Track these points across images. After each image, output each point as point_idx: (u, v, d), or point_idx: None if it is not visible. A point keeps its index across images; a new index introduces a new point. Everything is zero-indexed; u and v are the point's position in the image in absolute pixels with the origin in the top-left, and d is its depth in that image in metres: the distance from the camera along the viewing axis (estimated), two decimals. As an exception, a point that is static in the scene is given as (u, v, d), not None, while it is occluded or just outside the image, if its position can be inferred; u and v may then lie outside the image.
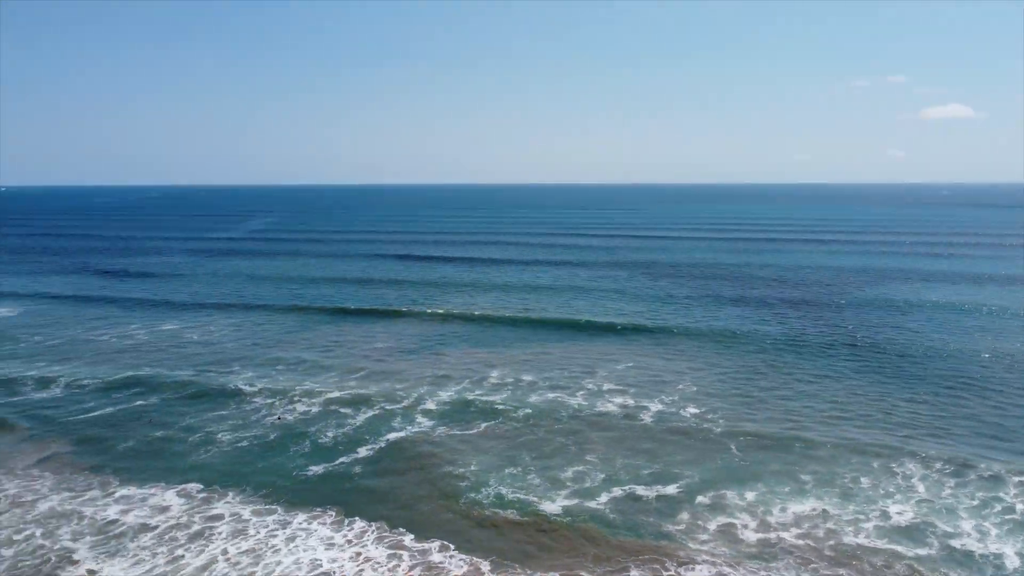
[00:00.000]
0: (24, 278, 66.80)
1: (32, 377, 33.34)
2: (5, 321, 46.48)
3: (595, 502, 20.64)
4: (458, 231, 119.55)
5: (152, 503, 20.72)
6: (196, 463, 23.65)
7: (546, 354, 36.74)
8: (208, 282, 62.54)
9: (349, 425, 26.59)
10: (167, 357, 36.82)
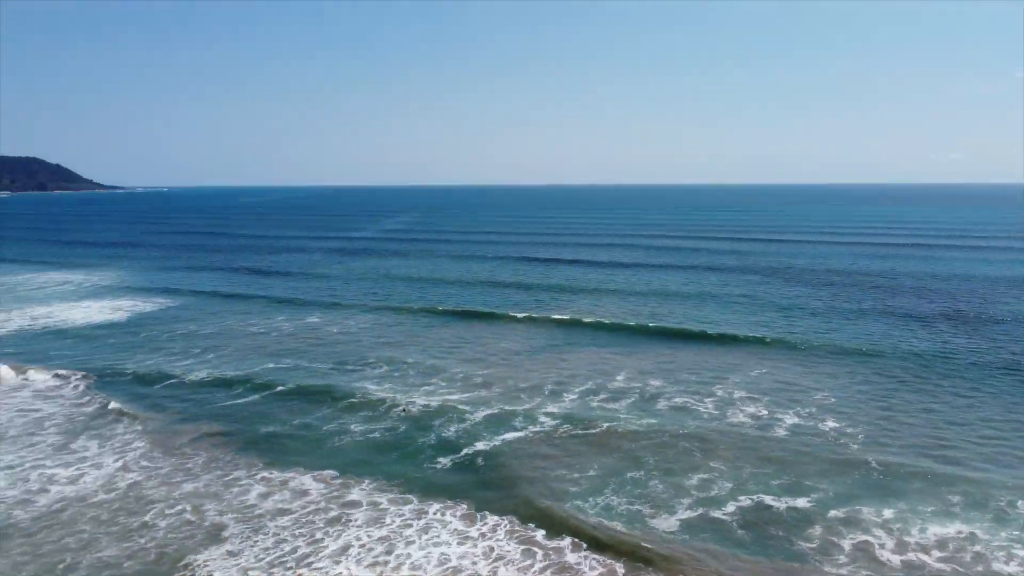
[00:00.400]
0: (182, 273, 72.28)
1: (186, 364, 35.98)
2: (165, 312, 50.34)
3: (720, 511, 20.05)
4: (586, 232, 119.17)
5: (292, 487, 21.83)
6: (332, 450, 24.75)
7: (674, 360, 36.04)
8: (346, 278, 65.39)
9: (469, 421, 27.00)
10: (308, 348, 38.76)
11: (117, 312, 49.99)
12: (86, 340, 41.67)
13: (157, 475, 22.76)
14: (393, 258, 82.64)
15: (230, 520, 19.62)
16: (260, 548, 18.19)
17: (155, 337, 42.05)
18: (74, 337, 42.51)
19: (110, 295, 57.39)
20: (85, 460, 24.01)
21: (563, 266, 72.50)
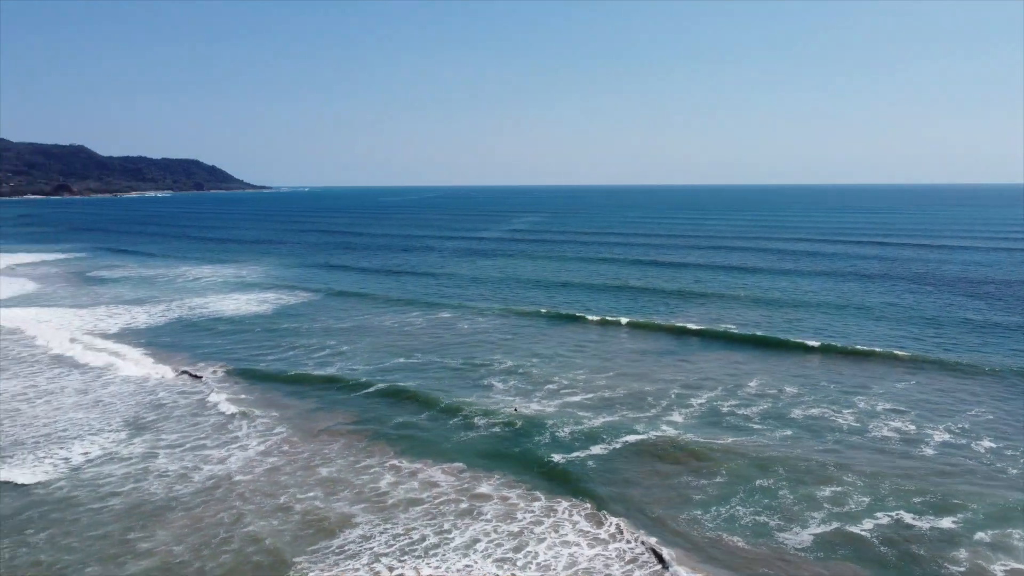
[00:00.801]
0: (321, 269, 76.08)
1: (323, 355, 37.78)
2: (305, 305, 53.06)
3: (857, 527, 19.03)
4: (716, 235, 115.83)
5: (421, 478, 22.46)
6: (458, 444, 25.27)
7: (811, 369, 34.52)
8: (474, 278, 66.66)
9: (589, 424, 26.80)
10: (437, 345, 39.80)
11: (263, 304, 53.14)
12: (235, 329, 44.54)
13: (296, 460, 24.00)
14: (519, 259, 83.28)
15: (361, 508, 20.37)
16: (390, 536, 18.81)
17: (296, 329, 44.39)
18: (225, 326, 45.55)
19: (256, 289, 61.07)
20: (234, 442, 25.65)
21: (691, 269, 70.85)
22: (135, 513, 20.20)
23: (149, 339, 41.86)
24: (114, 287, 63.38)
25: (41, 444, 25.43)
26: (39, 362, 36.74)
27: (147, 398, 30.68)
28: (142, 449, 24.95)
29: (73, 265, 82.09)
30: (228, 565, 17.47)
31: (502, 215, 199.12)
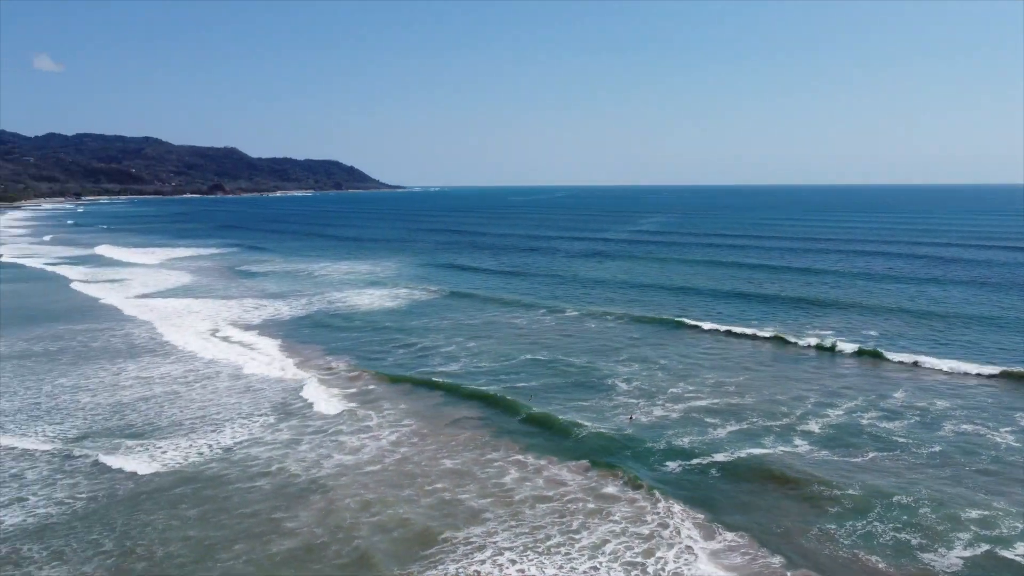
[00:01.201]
0: (451, 267, 78.03)
1: (451, 350, 38.75)
2: (436, 302, 54.58)
3: (1011, 551, 17.64)
4: (856, 238, 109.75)
5: (546, 475, 22.62)
6: (581, 442, 25.30)
7: (967, 383, 32.25)
8: (600, 280, 66.44)
9: (714, 431, 26.12)
10: (562, 344, 39.96)
11: (395, 300, 55.11)
12: (369, 323, 46.43)
13: (424, 451, 24.78)
14: (646, 261, 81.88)
15: (487, 504, 20.70)
16: (516, 531, 19.06)
17: (425, 325, 45.75)
18: (360, 320, 47.57)
19: (389, 285, 63.38)
20: (366, 432, 26.78)
21: (830, 275, 67.43)
22: (279, 494, 21.48)
23: (290, 330, 44.29)
24: (260, 281, 67.47)
25: (197, 426, 27.47)
26: (195, 349, 39.61)
27: (288, 386, 32.50)
28: (287, 435, 26.45)
29: (224, 259, 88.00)
30: (361, 549, 18.26)
31: (629, 215, 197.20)
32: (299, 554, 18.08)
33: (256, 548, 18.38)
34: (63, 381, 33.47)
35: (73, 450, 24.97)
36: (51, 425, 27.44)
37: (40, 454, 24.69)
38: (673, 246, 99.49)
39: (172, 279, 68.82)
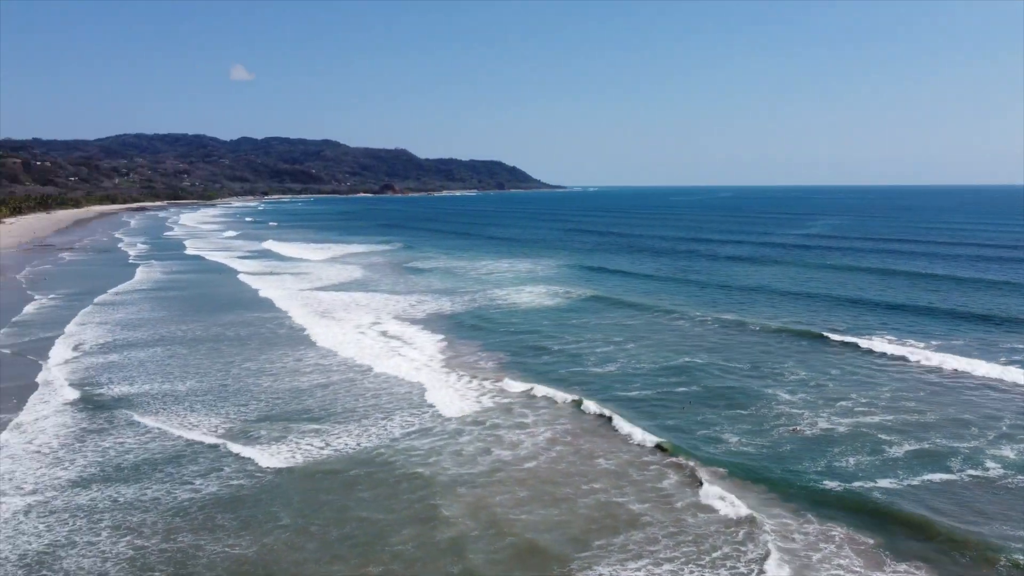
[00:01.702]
0: (606, 268, 77.83)
1: (607, 350, 38.72)
2: (593, 302, 54.68)
3: None
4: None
5: (703, 492, 22.05)
6: (735, 452, 24.58)
7: None
8: (763, 283, 64.01)
9: (885, 451, 24.41)
10: (722, 349, 38.93)
11: (554, 299, 55.75)
12: (528, 320, 47.28)
13: (580, 450, 24.99)
14: (815, 268, 77.17)
15: (645, 508, 20.42)
16: (678, 540, 18.82)
17: (583, 324, 45.97)
18: (519, 317, 48.56)
19: (548, 283, 64.16)
20: (522, 428, 27.34)
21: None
22: (438, 484, 22.43)
23: (452, 325, 45.90)
24: (426, 277, 70.38)
25: (369, 413, 29.18)
26: (363, 341, 41.96)
27: (449, 380, 33.73)
28: (450, 427, 27.51)
29: (393, 256, 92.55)
30: (518, 546, 18.69)
31: (797, 217, 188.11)
32: (459, 544, 18.81)
33: (423, 534, 19.29)
34: (249, 365, 36.58)
35: (257, 430, 27.26)
36: (236, 407, 30.05)
37: (229, 431, 27.16)
38: (844, 251, 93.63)
39: (346, 274, 73.22)
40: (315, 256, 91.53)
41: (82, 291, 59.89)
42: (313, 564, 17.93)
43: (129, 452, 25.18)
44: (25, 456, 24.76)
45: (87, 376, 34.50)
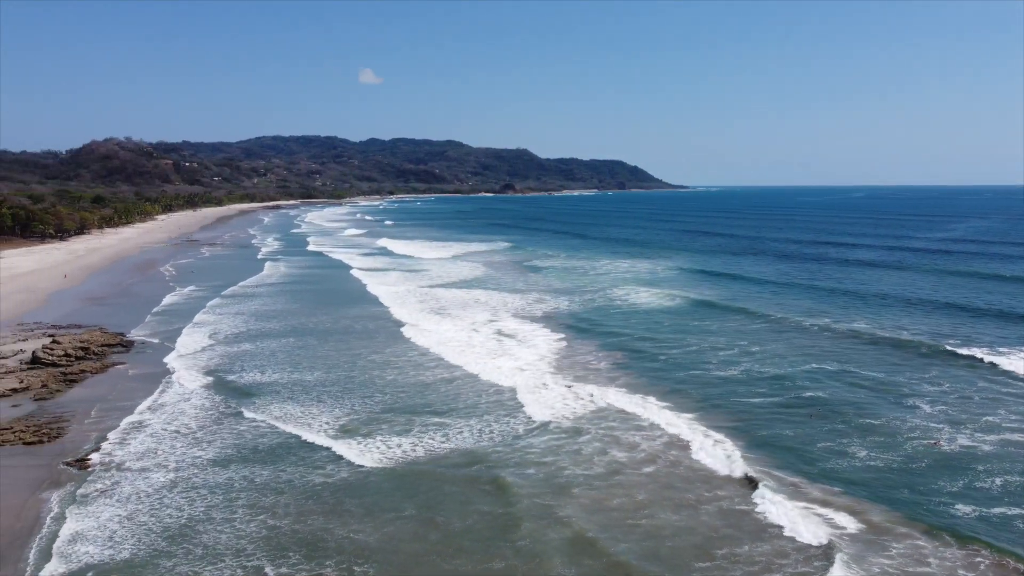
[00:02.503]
0: (727, 272, 75.65)
1: (729, 353, 37.64)
2: (714, 305, 53.25)
3: None
4: None
5: (821, 512, 20.80)
6: (864, 467, 23.37)
7: None
8: (897, 292, 60.50)
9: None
10: (852, 356, 37.08)
11: (673, 300, 54.76)
12: (647, 322, 46.69)
13: (698, 458, 24.41)
14: (957, 276, 71.19)
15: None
16: (806, 555, 18.10)
17: (705, 327, 44.92)
18: (638, 317, 48.04)
19: (667, 285, 63.11)
20: (639, 431, 27.04)
21: None
22: (554, 483, 22.49)
23: (570, 324, 45.87)
24: (545, 276, 70.70)
25: (491, 409, 29.62)
26: (488, 337, 42.57)
27: (569, 378, 33.72)
28: (566, 425, 27.58)
29: (511, 255, 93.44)
30: (633, 552, 18.50)
31: (938, 220, 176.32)
32: (574, 545, 18.79)
33: (539, 531, 19.41)
34: (374, 358, 37.91)
35: (382, 422, 28.19)
36: (362, 398, 31.15)
37: (355, 421, 28.22)
38: (991, 258, 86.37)
39: (467, 271, 74.54)
40: (434, 254, 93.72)
41: (217, 284, 63.90)
42: (435, 556, 18.38)
43: (263, 436, 26.64)
44: (166, 436, 26.67)
45: (221, 363, 36.73)
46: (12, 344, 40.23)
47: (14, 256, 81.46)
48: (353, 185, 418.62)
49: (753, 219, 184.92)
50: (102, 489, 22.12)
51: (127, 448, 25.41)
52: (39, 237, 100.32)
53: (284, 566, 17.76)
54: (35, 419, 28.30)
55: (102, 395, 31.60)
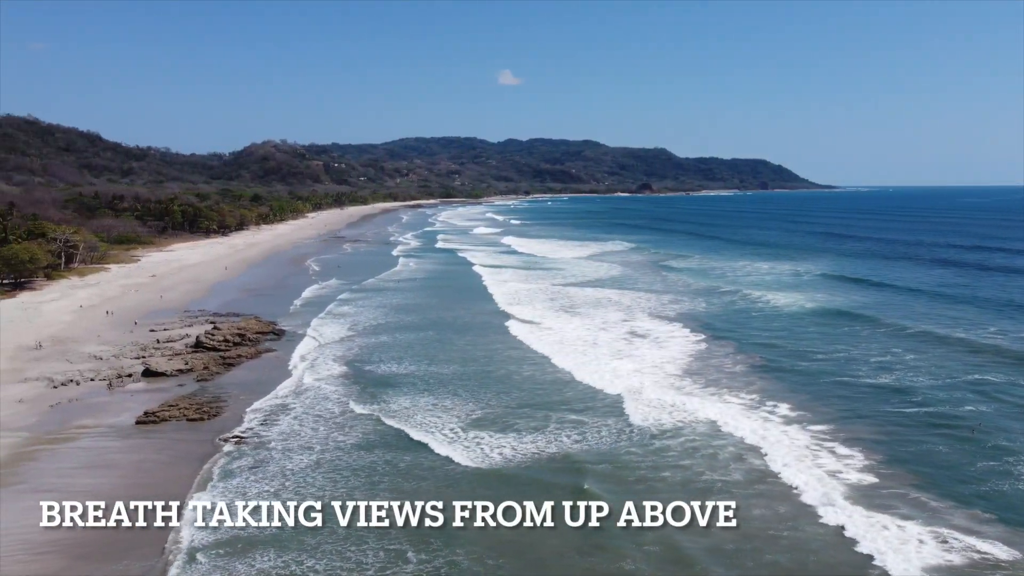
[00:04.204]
0: (875, 278, 71.21)
1: (884, 360, 35.46)
2: (863, 309, 50.29)
3: None
4: None
5: (951, 523, 19.45)
6: (997, 495, 21.46)
7: None
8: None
9: None
10: (1016, 370, 34.06)
11: (817, 303, 52.17)
12: (791, 325, 44.90)
13: (845, 471, 23.19)
14: None
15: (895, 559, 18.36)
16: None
17: (853, 332, 42.71)
18: (779, 321, 46.22)
19: (810, 289, 60.30)
20: (777, 438, 25.97)
21: None
22: (690, 488, 22.04)
23: (708, 325, 44.67)
24: (680, 276, 69.24)
25: (626, 412, 29.38)
26: (623, 337, 42.24)
27: (706, 380, 32.91)
28: (702, 429, 26.88)
29: (646, 254, 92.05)
30: (781, 564, 17.83)
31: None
32: (713, 553, 18.31)
33: (672, 535, 19.00)
34: (511, 353, 38.46)
35: (517, 416, 28.55)
36: (498, 393, 31.62)
37: (489, 415, 28.74)
38: None
39: (603, 271, 74.18)
40: (566, 253, 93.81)
41: (356, 279, 66.94)
42: (574, 553, 18.43)
43: (401, 424, 27.59)
44: (309, 419, 28.18)
45: (360, 354, 38.38)
46: (179, 329, 43.81)
47: (183, 249, 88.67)
48: (490, 185, 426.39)
49: (906, 221, 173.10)
50: (251, 465, 23.68)
51: (274, 428, 27.11)
52: (204, 232, 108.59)
53: (425, 551, 18.33)
54: (197, 398, 30.67)
55: (255, 379, 33.82)
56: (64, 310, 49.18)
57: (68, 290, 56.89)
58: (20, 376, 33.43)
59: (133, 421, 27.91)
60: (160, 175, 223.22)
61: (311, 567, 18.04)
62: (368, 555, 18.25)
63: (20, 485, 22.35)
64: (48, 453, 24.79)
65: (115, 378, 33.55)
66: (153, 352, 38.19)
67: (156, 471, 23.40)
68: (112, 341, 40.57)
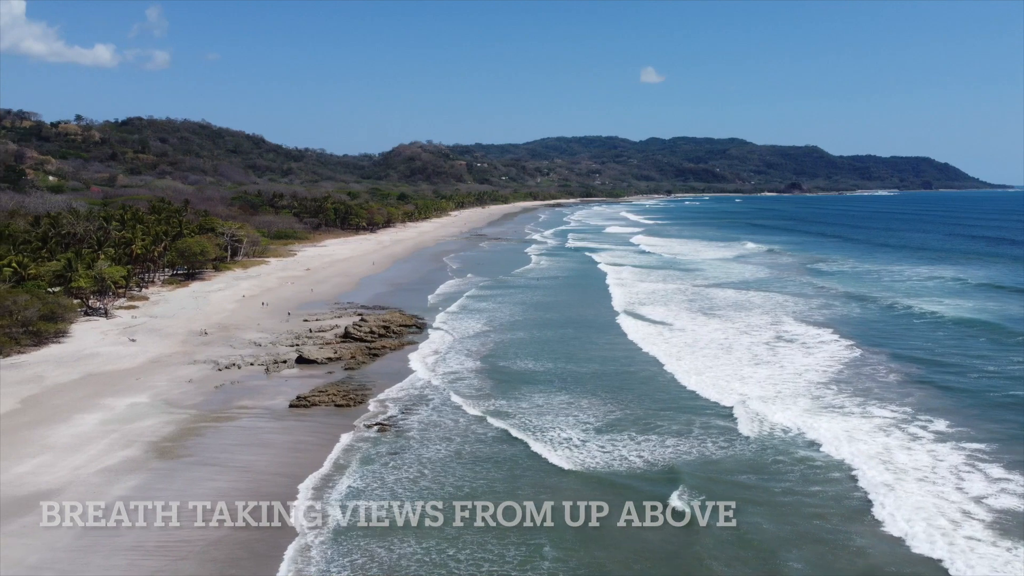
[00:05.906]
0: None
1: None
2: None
3: None
4: None
5: None
6: None
7: None
8: None
9: None
10: None
11: (987, 314, 48.08)
12: (955, 334, 41.85)
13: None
14: None
15: None
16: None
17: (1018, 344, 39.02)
18: (941, 330, 43.08)
19: (979, 295, 55.83)
20: (925, 452, 24.20)
21: None
22: (843, 506, 20.92)
23: (860, 331, 42.24)
24: (830, 280, 65.69)
25: (771, 423, 28.37)
26: (767, 341, 40.69)
27: (853, 390, 31.18)
28: (844, 450, 25.35)
29: (796, 256, 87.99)
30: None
31: None
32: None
33: (825, 554, 18.47)
34: (654, 352, 37.92)
35: (660, 419, 28.11)
36: (639, 397, 31.18)
37: (629, 416, 28.48)
38: None
39: (742, 272, 71.68)
40: (709, 254, 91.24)
41: (490, 274, 68.27)
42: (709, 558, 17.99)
43: (545, 421, 27.75)
44: (448, 410, 28.91)
45: (496, 349, 39.05)
46: (330, 320, 46.18)
47: (334, 244, 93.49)
48: (631, 184, 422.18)
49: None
50: (392, 452, 24.61)
51: (413, 417, 28.11)
52: (354, 228, 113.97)
53: (560, 548, 18.39)
54: (345, 385, 32.19)
55: (397, 369, 35.09)
56: (228, 299, 53.04)
57: (232, 281, 61.34)
58: (190, 359, 36.33)
59: (287, 404, 29.67)
60: (316, 175, 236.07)
61: (452, 556, 18.39)
62: (510, 549, 18.44)
63: (189, 458, 24.28)
64: (212, 430, 26.79)
65: (272, 364, 35.78)
66: (306, 341, 40.42)
67: (306, 451, 24.75)
68: (269, 329, 43.29)
